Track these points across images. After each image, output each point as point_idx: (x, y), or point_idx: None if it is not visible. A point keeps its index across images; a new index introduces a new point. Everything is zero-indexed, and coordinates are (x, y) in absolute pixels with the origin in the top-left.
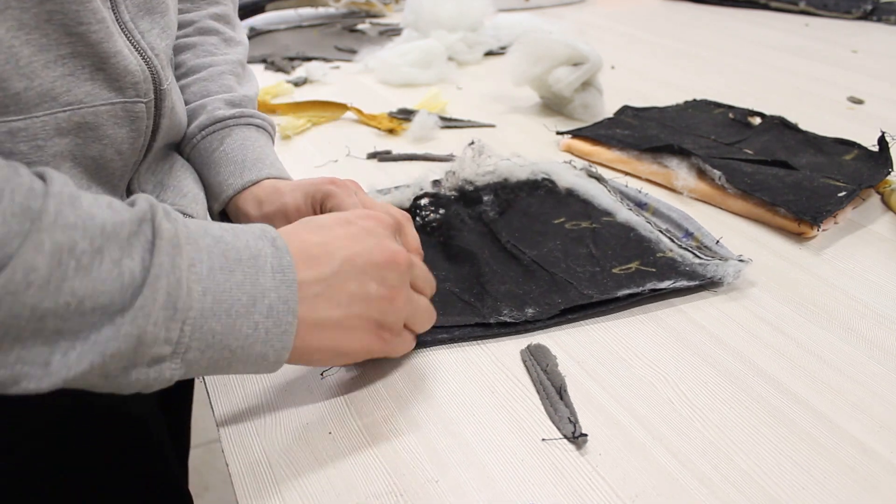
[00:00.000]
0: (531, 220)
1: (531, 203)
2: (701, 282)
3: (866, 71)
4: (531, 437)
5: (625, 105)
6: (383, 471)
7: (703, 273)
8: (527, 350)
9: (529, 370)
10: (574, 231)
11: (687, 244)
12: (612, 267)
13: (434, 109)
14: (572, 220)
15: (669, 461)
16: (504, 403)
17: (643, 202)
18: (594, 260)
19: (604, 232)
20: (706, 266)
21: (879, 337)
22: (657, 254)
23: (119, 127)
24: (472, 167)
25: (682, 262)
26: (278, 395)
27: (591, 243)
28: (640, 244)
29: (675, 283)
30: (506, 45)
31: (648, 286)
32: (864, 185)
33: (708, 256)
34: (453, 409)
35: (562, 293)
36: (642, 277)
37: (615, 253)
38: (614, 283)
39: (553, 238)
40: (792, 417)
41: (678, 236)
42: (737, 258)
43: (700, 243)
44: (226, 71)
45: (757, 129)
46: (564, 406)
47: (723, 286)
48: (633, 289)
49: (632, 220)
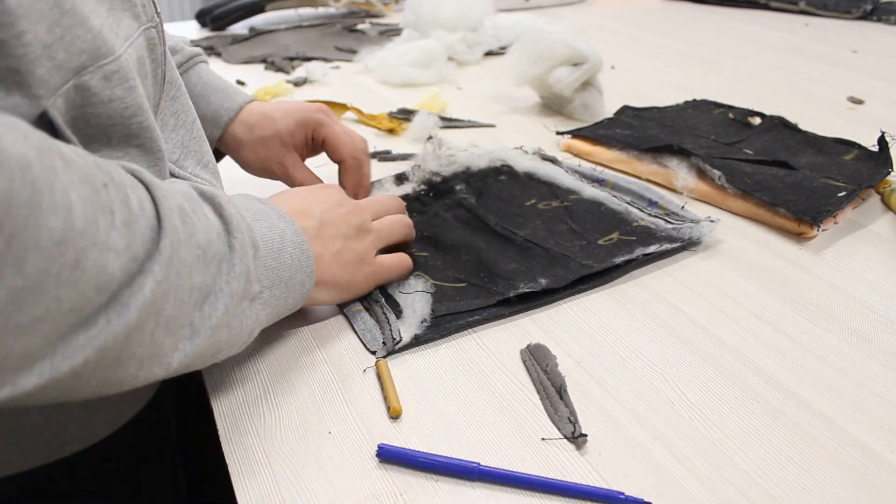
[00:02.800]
0: (506, 203)
1: (501, 188)
2: (682, 244)
3: (866, 71)
4: (531, 437)
5: (625, 105)
6: (383, 470)
7: (680, 236)
8: (527, 350)
9: (529, 370)
10: (548, 210)
11: (655, 212)
12: (596, 239)
13: (434, 109)
14: (542, 200)
15: (669, 461)
16: (504, 403)
17: (601, 178)
18: (577, 234)
19: (576, 209)
20: (680, 229)
21: (879, 337)
22: (632, 223)
23: (147, 60)
24: (435, 160)
25: (657, 229)
26: (278, 395)
27: (569, 220)
28: (614, 216)
29: (661, 247)
30: (506, 45)
31: (638, 252)
32: (864, 185)
33: (678, 220)
34: (453, 409)
35: (563, 266)
36: (627, 246)
37: (594, 226)
38: (605, 252)
39: (532, 218)
40: (792, 417)
41: (644, 206)
42: (706, 219)
43: (666, 210)
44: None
45: (757, 129)
46: (564, 406)
47: (700, 245)
48: (626, 256)
49: (599, 196)
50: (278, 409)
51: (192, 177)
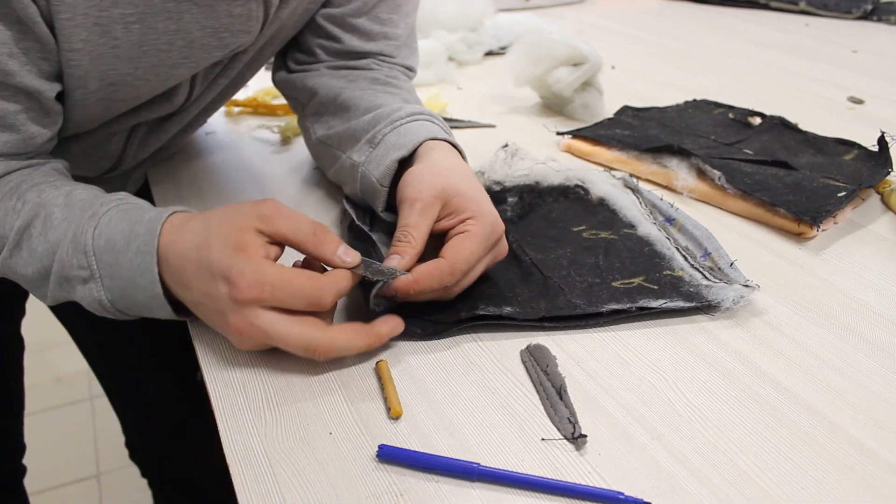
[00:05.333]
0: (549, 224)
1: (554, 209)
2: (699, 304)
3: (866, 71)
4: (531, 437)
5: (625, 105)
6: (383, 471)
7: (705, 295)
8: (526, 350)
9: (529, 371)
10: (589, 240)
11: (701, 263)
12: (613, 280)
13: (434, 110)
14: (592, 229)
15: (669, 461)
16: (504, 404)
17: (672, 217)
18: (598, 271)
19: (620, 244)
20: (711, 288)
21: (879, 337)
22: (664, 271)
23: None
24: (504, 169)
25: (689, 282)
26: (279, 396)
27: (602, 254)
28: (651, 260)
29: (668, 302)
30: (506, 45)
31: (641, 303)
32: (864, 185)
33: (716, 278)
34: (453, 409)
35: (550, 299)
36: (640, 293)
37: (623, 266)
38: (608, 295)
39: (565, 245)
40: (791, 417)
41: (696, 255)
42: (743, 283)
43: (715, 264)
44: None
45: (757, 129)
46: (564, 406)
47: (720, 311)
48: (622, 304)
49: (651, 235)
50: (279, 410)
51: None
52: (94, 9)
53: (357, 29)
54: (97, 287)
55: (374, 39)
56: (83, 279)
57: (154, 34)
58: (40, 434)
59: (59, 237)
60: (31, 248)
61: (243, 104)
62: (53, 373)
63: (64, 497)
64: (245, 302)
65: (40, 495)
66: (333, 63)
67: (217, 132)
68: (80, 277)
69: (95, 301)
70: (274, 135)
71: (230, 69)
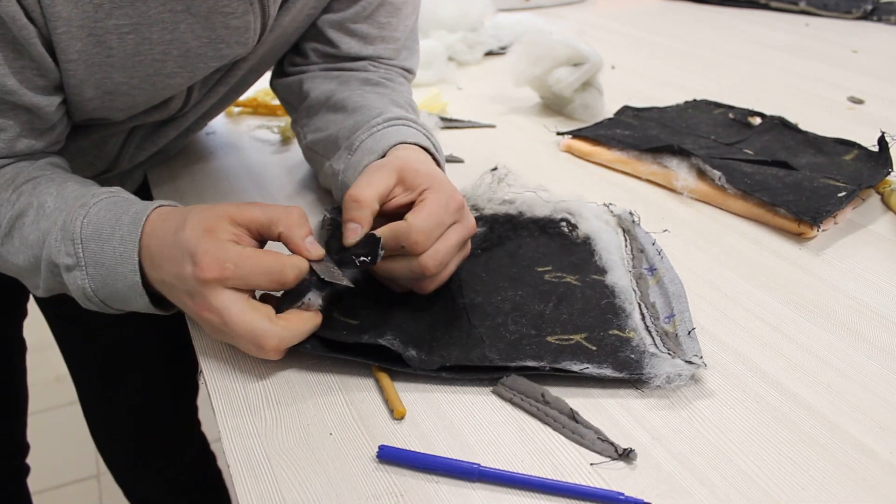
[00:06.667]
0: (512, 262)
1: (525, 244)
2: (627, 376)
3: (866, 71)
4: (531, 437)
5: (625, 105)
6: (383, 471)
7: (642, 365)
8: (503, 387)
9: (520, 405)
10: (549, 284)
11: (659, 326)
12: (550, 334)
13: (434, 110)
14: (558, 271)
15: (669, 461)
16: (504, 404)
17: (655, 267)
18: (538, 321)
19: (579, 293)
20: (652, 358)
21: (879, 337)
22: (612, 330)
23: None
24: (488, 194)
25: (634, 347)
26: (279, 396)
27: (554, 302)
28: (604, 315)
29: (591, 369)
30: (506, 45)
31: (562, 364)
32: (864, 186)
33: (665, 348)
34: (453, 409)
35: (465, 349)
36: (571, 353)
37: (569, 318)
38: (532, 351)
39: (520, 286)
40: (791, 418)
41: (659, 315)
42: (688, 357)
43: (674, 330)
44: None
45: (757, 129)
46: (585, 428)
47: (649, 387)
48: (536, 362)
49: (618, 285)
50: (279, 410)
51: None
52: (88, 20)
53: (356, 34)
54: (81, 275)
55: (371, 44)
56: (68, 266)
57: (148, 44)
58: (40, 434)
59: (50, 225)
60: (22, 236)
61: (243, 104)
62: (53, 373)
63: (64, 497)
64: (207, 281)
65: (41, 495)
66: (327, 65)
67: (217, 132)
68: (66, 265)
69: (80, 290)
70: (274, 135)
71: (230, 76)
